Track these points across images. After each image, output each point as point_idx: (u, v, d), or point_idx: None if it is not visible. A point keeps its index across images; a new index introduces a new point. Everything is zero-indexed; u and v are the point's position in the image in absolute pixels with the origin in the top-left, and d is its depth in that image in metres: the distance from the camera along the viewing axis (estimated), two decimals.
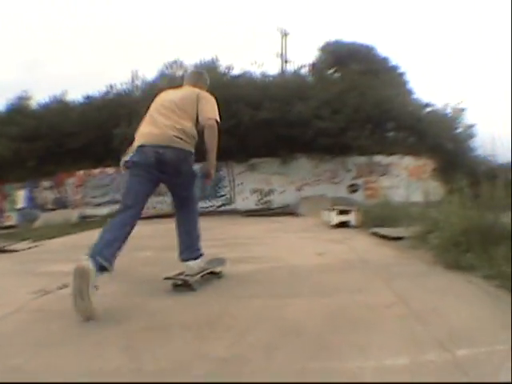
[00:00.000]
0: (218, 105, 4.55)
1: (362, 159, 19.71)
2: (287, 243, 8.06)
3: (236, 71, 21.56)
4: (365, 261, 5.73)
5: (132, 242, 4.20)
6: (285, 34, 28.73)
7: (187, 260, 4.54)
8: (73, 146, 20.33)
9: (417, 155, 20.62)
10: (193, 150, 4.41)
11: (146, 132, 4.32)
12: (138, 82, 22.18)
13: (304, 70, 21.91)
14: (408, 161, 20.41)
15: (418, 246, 6.46)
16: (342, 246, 7.29)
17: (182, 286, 4.34)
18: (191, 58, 33.39)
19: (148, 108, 4.67)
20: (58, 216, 17.03)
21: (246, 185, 19.43)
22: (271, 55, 29.57)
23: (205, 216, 17.68)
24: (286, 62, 26.79)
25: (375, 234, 8.37)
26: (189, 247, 4.56)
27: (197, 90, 4.59)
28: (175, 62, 22.12)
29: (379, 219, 9.70)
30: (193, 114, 4.38)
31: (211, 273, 4.77)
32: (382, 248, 6.82)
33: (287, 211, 17.28)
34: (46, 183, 21.46)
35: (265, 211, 18.05)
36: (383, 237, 7.84)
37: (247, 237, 9.07)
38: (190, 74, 5.29)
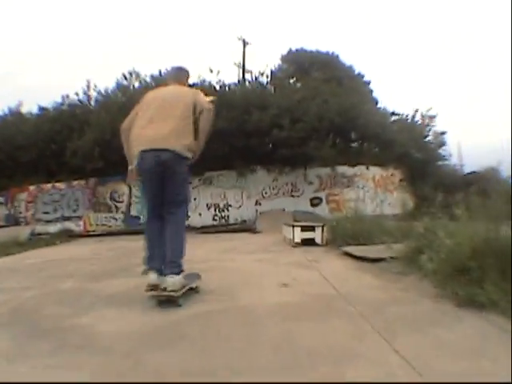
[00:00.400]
0: None
1: (325, 170, 18.36)
2: (243, 268, 6.43)
3: (192, 79, 19.95)
4: (345, 296, 4.23)
5: (58, 268, 4.35)
6: (245, 43, 27.43)
7: (169, 274, 4.23)
8: (25, 159, 19.02)
9: (383, 165, 19.51)
10: (189, 156, 4.46)
11: (146, 135, 4.37)
12: (93, 93, 20.45)
13: (263, 78, 20.39)
14: (374, 171, 19.30)
15: (406, 271, 5.07)
16: (310, 272, 5.78)
17: (167, 302, 4.20)
18: (148, 69, 31.71)
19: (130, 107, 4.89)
20: (8, 233, 15.14)
21: (201, 199, 17.79)
22: (231, 65, 28.10)
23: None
24: (244, 71, 25.43)
25: (348, 255, 6.94)
26: (172, 261, 4.29)
27: (187, 88, 4.89)
28: (131, 72, 20.42)
29: (349, 236, 8.28)
30: (190, 111, 4.49)
31: (190, 288, 4.55)
32: (363, 274, 5.36)
33: (245, 227, 15.76)
34: None
35: (221, 227, 16.47)
36: (359, 258, 6.39)
37: (196, 260, 7.43)
38: (174, 72, 5.18)
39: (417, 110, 20.97)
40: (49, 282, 5.99)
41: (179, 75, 5.06)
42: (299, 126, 16.60)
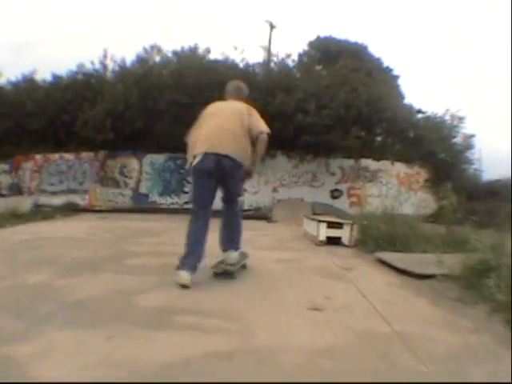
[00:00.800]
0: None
1: (348, 162, 17.28)
2: (258, 273, 5.18)
3: (215, 55, 18.72)
4: (405, 339, 3.00)
5: (43, 250, 4.29)
6: (272, 26, 25.96)
7: (227, 250, 4.91)
8: (33, 126, 17.78)
9: (408, 163, 18.14)
10: (246, 165, 4.81)
11: (209, 140, 4.62)
12: (110, 63, 19.15)
13: (290, 61, 18.99)
14: (399, 168, 18.04)
15: (467, 299, 4.01)
16: (345, 286, 4.57)
17: (223, 274, 4.70)
18: (170, 45, 30.31)
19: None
20: (8, 203, 14.00)
21: None
22: (256, 48, 26.74)
23: (166, 214, 15.02)
24: (270, 54, 24.04)
25: (385, 264, 5.71)
26: (230, 239, 4.95)
27: (245, 105, 4.99)
28: (153, 46, 19.06)
29: (383, 239, 7.03)
30: (246, 127, 4.76)
31: (242, 265, 5.16)
32: (415, 298, 4.17)
33: (260, 215, 14.70)
34: (2, 166, 18.68)
35: None
36: (402, 271, 5.17)
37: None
38: (233, 88, 5.38)
39: (447, 110, 19.45)
40: (21, 270, 4.85)
41: (239, 92, 5.31)
42: (325, 112, 15.45)
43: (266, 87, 16.00)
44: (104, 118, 16.11)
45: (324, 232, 7.88)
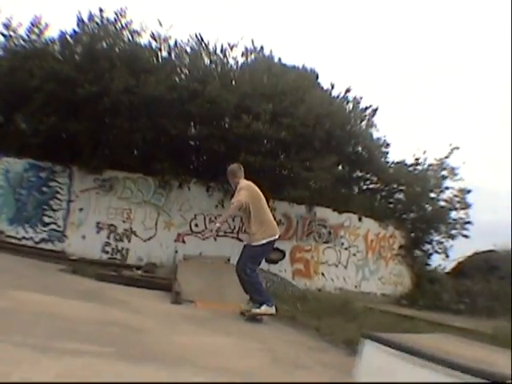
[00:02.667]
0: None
1: (298, 209, 11.59)
2: None
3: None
4: None
5: None
6: None
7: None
8: None
9: (380, 220, 12.70)
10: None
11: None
12: None
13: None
14: (369, 225, 12.59)
15: None
16: None
17: None
18: None
19: None
20: None
21: (91, 213, 10.56)
22: None
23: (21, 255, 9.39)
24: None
25: None
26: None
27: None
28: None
29: None
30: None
31: None
32: None
33: (154, 280, 8.29)
34: None
35: (110, 273, 8.65)
36: None
37: None
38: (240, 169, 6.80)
39: (437, 159, 14.24)
40: None
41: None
42: (285, 121, 9.88)
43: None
44: None
45: None
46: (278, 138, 9.67)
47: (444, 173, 13.81)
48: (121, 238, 10.49)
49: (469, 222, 13.86)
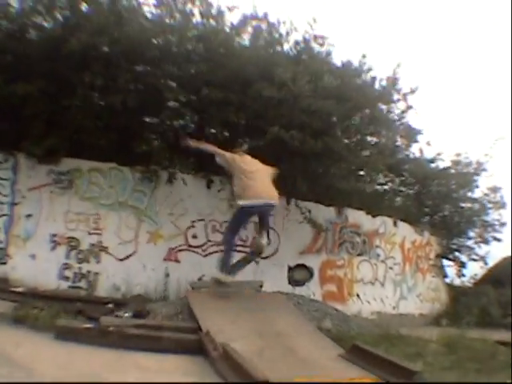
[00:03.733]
0: None
1: (328, 212, 8.65)
2: None
3: None
4: None
5: None
6: None
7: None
8: None
9: (414, 224, 10.09)
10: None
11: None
12: None
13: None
14: (404, 231, 10.03)
15: None
16: None
17: None
18: None
19: None
20: None
21: (42, 222, 7.12)
22: None
23: None
24: None
25: None
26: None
27: None
28: None
29: None
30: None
31: None
32: None
33: (163, 336, 4.63)
34: None
35: (75, 309, 5.65)
36: None
37: None
38: None
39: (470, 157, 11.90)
40: None
41: None
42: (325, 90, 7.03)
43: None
44: None
45: None
46: (320, 107, 6.71)
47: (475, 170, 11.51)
48: (86, 257, 7.09)
49: (504, 224, 11.69)
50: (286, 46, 7.86)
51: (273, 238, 7.86)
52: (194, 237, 7.66)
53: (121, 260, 7.24)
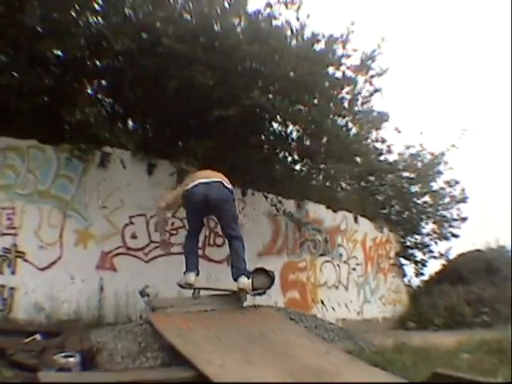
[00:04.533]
0: None
1: (287, 204, 7.45)
2: None
3: None
4: None
5: None
6: None
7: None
8: None
9: (373, 221, 9.35)
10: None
11: None
12: None
13: None
14: (365, 228, 9.25)
15: None
16: None
17: None
18: None
19: None
20: None
21: None
22: None
23: None
24: None
25: None
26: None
27: None
28: None
29: None
30: None
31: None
32: None
33: None
34: None
35: None
36: None
37: None
38: None
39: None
40: None
41: None
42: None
43: None
44: None
45: None
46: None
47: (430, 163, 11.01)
48: None
49: (465, 219, 11.17)
50: None
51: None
52: (133, 237, 6.07)
53: (42, 269, 5.51)
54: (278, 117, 6.65)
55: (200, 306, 4.68)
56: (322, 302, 7.76)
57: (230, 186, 5.24)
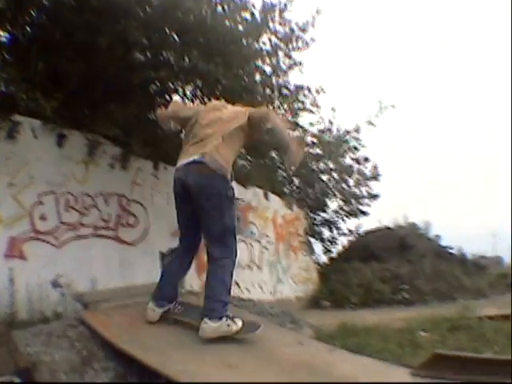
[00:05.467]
0: None
1: None
2: None
3: None
4: None
5: None
6: None
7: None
8: None
9: (282, 197, 9.41)
10: None
11: None
12: None
13: None
14: (276, 205, 9.37)
15: None
16: None
17: None
18: None
19: None
20: None
21: None
22: None
23: None
24: None
25: None
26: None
27: None
28: None
29: None
30: None
31: None
32: None
33: None
34: None
35: None
36: None
37: None
38: None
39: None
40: None
41: None
42: None
43: None
44: None
45: None
46: None
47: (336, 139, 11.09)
48: None
49: (375, 196, 11.46)
50: None
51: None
52: (43, 218, 5.45)
53: None
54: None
55: (138, 297, 4.15)
56: (237, 284, 7.59)
57: (220, 169, 3.36)
